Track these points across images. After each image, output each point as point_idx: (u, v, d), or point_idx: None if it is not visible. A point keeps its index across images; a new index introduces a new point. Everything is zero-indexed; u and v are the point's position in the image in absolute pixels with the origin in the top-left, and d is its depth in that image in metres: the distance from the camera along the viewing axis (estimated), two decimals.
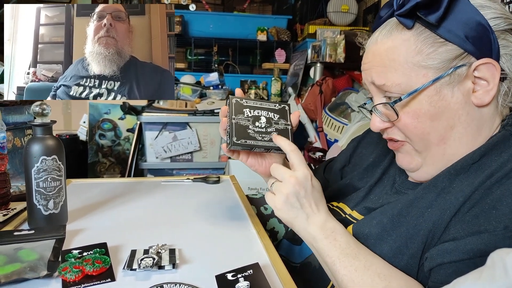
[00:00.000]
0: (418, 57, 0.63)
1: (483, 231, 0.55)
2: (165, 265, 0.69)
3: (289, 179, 0.69)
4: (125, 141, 2.99)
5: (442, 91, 0.63)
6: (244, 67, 3.78)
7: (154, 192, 1.20)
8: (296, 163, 0.71)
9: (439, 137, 0.65)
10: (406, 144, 0.69)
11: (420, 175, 0.70)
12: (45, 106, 0.85)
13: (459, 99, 0.63)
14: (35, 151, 0.82)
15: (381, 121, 0.70)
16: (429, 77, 0.62)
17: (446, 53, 0.61)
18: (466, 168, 0.63)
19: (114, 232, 0.87)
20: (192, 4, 3.59)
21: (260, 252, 0.79)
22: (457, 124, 0.64)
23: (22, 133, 1.60)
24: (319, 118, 2.64)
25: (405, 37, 0.64)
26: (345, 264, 0.65)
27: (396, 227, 0.66)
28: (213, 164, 2.86)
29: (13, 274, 0.63)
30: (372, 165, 0.86)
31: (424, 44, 0.62)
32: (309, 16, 3.33)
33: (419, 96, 0.64)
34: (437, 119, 0.64)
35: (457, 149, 0.65)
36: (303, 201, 0.70)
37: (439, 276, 0.57)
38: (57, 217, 0.86)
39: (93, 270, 0.65)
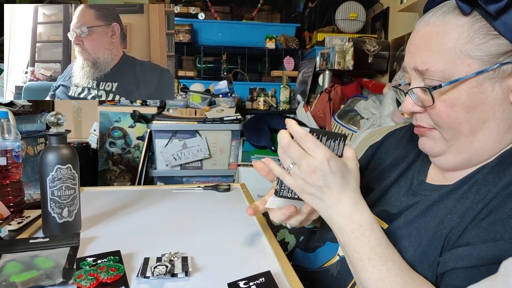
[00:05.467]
0: (468, 46, 0.61)
1: (498, 238, 0.55)
2: (178, 273, 0.70)
3: (305, 168, 0.64)
4: (135, 149, 3.02)
5: (483, 85, 0.61)
6: (252, 75, 3.80)
7: (165, 200, 1.21)
8: (309, 147, 0.64)
9: (470, 129, 0.64)
10: (434, 131, 0.68)
11: (441, 162, 0.70)
12: (60, 116, 0.87)
13: (498, 95, 0.62)
14: (50, 160, 0.84)
15: (414, 104, 0.68)
16: (474, 68, 0.61)
17: (496, 47, 0.60)
18: (485, 174, 0.63)
19: (127, 239, 0.88)
20: (201, 13, 3.62)
21: (272, 260, 0.79)
22: (491, 119, 0.63)
23: (35, 141, 1.63)
24: (328, 126, 2.65)
25: (460, 23, 0.62)
26: (375, 263, 0.62)
27: (418, 236, 0.66)
28: (223, 171, 2.88)
29: (30, 282, 0.64)
30: (389, 167, 0.86)
31: (477, 33, 0.61)
32: (317, 24, 3.34)
33: (459, 86, 0.62)
34: (472, 111, 0.63)
35: (485, 143, 0.65)
36: (323, 190, 0.65)
37: (451, 281, 0.57)
38: (71, 225, 0.88)
39: (107, 277, 0.65)
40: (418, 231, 0.66)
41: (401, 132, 0.93)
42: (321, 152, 0.63)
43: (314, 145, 0.63)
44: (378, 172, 0.88)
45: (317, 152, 0.63)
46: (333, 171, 0.64)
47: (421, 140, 0.73)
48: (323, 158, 0.63)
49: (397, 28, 2.69)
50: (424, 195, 0.72)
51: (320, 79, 3.00)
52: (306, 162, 0.64)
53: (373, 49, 2.72)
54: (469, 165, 0.68)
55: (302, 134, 0.64)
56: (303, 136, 0.64)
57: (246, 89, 3.54)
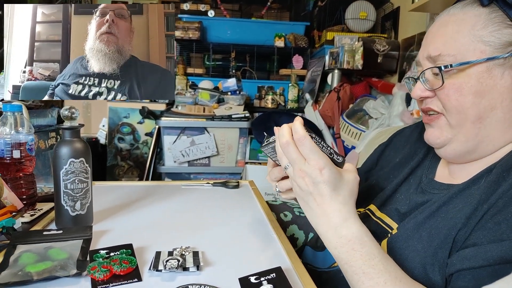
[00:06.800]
0: (482, 32, 0.63)
1: (505, 238, 0.55)
2: (190, 267, 0.70)
3: (297, 172, 0.64)
4: (144, 145, 3.03)
5: (493, 71, 0.63)
6: (261, 73, 3.80)
7: (175, 196, 1.22)
8: (305, 152, 0.63)
9: (477, 115, 0.64)
10: (441, 117, 0.69)
11: (447, 152, 0.70)
12: (73, 110, 0.88)
13: (507, 83, 0.63)
14: (63, 153, 0.85)
15: (423, 89, 0.69)
16: (486, 54, 0.62)
17: (509, 36, 0.62)
18: (493, 175, 0.63)
19: (138, 233, 0.89)
20: (211, 10, 3.63)
21: (282, 256, 0.79)
22: (498, 107, 0.64)
23: (46, 135, 1.64)
24: (336, 125, 2.64)
25: (477, 13, 0.64)
26: (371, 276, 0.61)
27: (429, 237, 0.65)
28: (230, 169, 2.89)
29: (45, 272, 0.65)
30: (398, 165, 0.86)
31: (492, 21, 0.63)
32: (327, 22, 3.34)
33: (469, 70, 0.64)
34: (480, 96, 0.63)
35: (492, 132, 0.65)
36: (312, 196, 0.65)
37: (459, 282, 0.57)
38: (83, 218, 0.89)
39: (120, 270, 0.66)
40: (429, 232, 0.66)
41: (410, 130, 0.93)
42: (315, 159, 0.62)
43: (310, 151, 0.63)
44: (388, 170, 0.88)
45: (311, 158, 0.63)
46: (325, 180, 0.63)
47: (427, 132, 0.73)
48: (315, 165, 0.62)
49: (407, 28, 2.68)
50: (433, 193, 0.73)
51: (329, 78, 3.00)
52: (299, 166, 0.64)
53: (382, 49, 2.71)
54: (474, 156, 0.68)
55: (300, 136, 0.63)
56: (301, 139, 0.63)
57: (254, 87, 3.54)
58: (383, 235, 0.75)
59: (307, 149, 0.63)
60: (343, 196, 0.65)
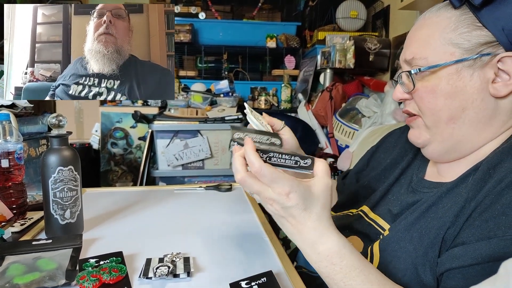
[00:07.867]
0: (452, 34, 0.64)
1: (492, 236, 0.55)
2: (180, 274, 0.70)
3: (264, 200, 0.61)
4: (137, 149, 3.02)
5: (462, 73, 0.64)
6: (254, 74, 3.80)
7: (167, 201, 1.21)
8: (266, 182, 0.60)
9: (449, 116, 0.66)
10: (419, 119, 0.72)
11: (429, 151, 0.73)
12: (61, 118, 0.87)
13: (476, 84, 0.64)
14: (52, 162, 0.84)
15: (402, 92, 0.72)
16: (455, 56, 0.64)
17: (477, 37, 0.63)
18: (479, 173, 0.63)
19: (129, 240, 0.88)
20: (202, 12, 3.62)
21: (274, 260, 0.79)
22: (469, 108, 0.65)
23: (37, 143, 1.63)
24: (329, 124, 2.65)
25: (449, 15, 0.66)
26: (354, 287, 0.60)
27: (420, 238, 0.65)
28: (225, 171, 2.88)
29: (33, 283, 0.64)
30: (389, 166, 0.87)
31: (462, 23, 0.64)
32: (318, 22, 3.34)
33: (439, 72, 0.66)
34: (451, 98, 0.65)
35: (466, 131, 0.67)
36: (284, 219, 0.62)
37: (449, 281, 0.57)
38: (73, 226, 0.88)
39: (110, 278, 0.66)
40: (420, 233, 0.65)
41: (400, 131, 0.94)
42: (279, 187, 0.59)
43: (271, 180, 0.59)
44: (379, 171, 0.88)
45: (274, 186, 0.59)
46: (293, 204, 0.59)
47: (409, 132, 0.76)
48: (281, 192, 0.59)
49: (398, 26, 2.69)
50: (423, 193, 0.73)
51: (321, 78, 3.01)
52: (264, 196, 0.61)
53: (374, 47, 2.72)
54: (455, 155, 0.70)
55: (257, 169, 0.59)
56: (258, 171, 0.59)
57: (247, 88, 3.54)
58: (376, 237, 0.75)
59: (268, 179, 0.59)
60: (316, 213, 0.62)
